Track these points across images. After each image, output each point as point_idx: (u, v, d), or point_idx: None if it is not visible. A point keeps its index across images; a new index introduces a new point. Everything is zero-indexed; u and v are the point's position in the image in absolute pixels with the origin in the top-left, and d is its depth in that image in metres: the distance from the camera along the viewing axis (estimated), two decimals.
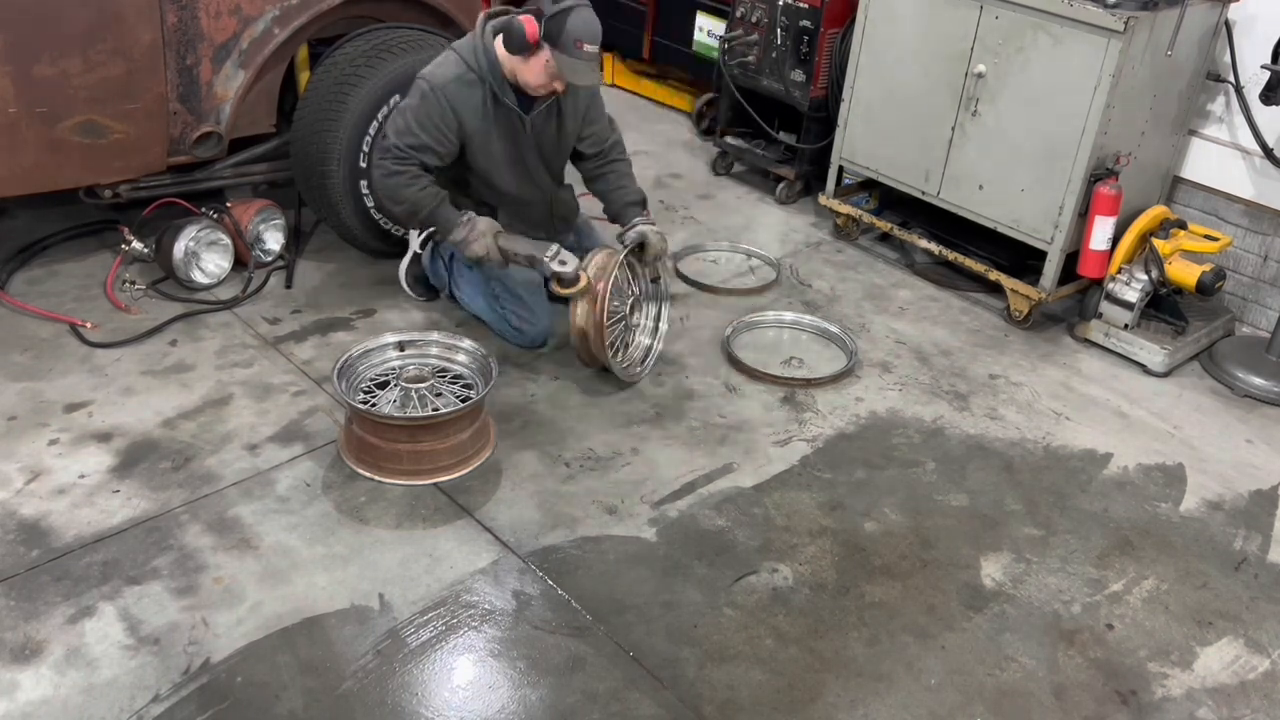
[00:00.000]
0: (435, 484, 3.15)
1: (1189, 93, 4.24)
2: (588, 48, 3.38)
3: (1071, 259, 4.17)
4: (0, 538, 2.83)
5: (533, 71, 3.45)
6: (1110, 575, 3.08)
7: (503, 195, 3.73)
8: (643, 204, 3.83)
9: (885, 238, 4.84)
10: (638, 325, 3.80)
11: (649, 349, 3.79)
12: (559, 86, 3.50)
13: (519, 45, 3.39)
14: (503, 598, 2.79)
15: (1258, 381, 3.99)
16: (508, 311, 3.76)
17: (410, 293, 4.05)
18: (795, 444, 3.48)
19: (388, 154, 3.51)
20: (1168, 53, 3.95)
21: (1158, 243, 4.07)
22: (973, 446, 3.56)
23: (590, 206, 4.10)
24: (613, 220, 3.86)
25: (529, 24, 3.37)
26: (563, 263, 3.50)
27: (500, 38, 3.48)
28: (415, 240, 3.98)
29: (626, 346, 3.76)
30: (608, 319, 3.53)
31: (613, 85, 6.40)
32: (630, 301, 3.70)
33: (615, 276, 3.51)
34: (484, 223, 3.58)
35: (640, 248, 3.69)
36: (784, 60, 4.96)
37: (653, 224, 3.76)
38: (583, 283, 3.49)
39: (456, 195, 3.66)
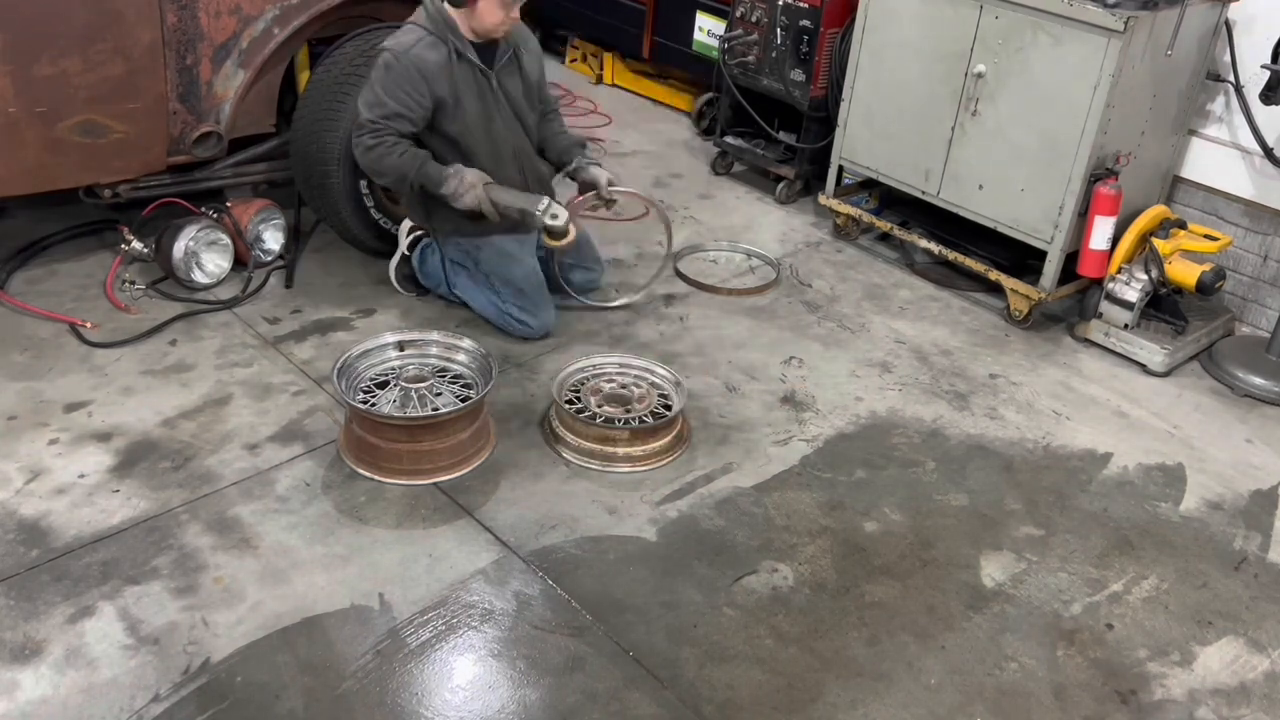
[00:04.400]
0: (435, 484, 3.15)
1: (1189, 92, 4.24)
2: None
3: (1071, 259, 4.17)
4: (0, 537, 2.83)
5: (488, 11, 3.52)
6: (1110, 575, 3.08)
7: (476, 161, 3.72)
8: (583, 145, 4.01)
9: (885, 237, 4.84)
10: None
11: None
12: (515, 15, 3.57)
13: None
14: (502, 597, 2.79)
15: (1258, 381, 3.99)
16: (510, 305, 3.78)
17: (401, 290, 4.06)
18: (795, 444, 3.48)
19: (363, 129, 3.57)
20: (1168, 52, 3.95)
21: (1158, 242, 4.07)
22: (973, 446, 3.56)
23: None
24: (556, 161, 3.98)
25: None
26: (554, 216, 3.62)
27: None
28: (403, 241, 3.99)
29: None
30: None
31: (613, 85, 6.40)
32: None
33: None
34: (472, 174, 3.63)
35: (593, 186, 3.86)
36: (784, 60, 4.96)
37: (597, 161, 3.96)
38: (571, 235, 3.67)
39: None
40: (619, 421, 3.33)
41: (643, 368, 3.57)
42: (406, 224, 4.01)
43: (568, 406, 3.36)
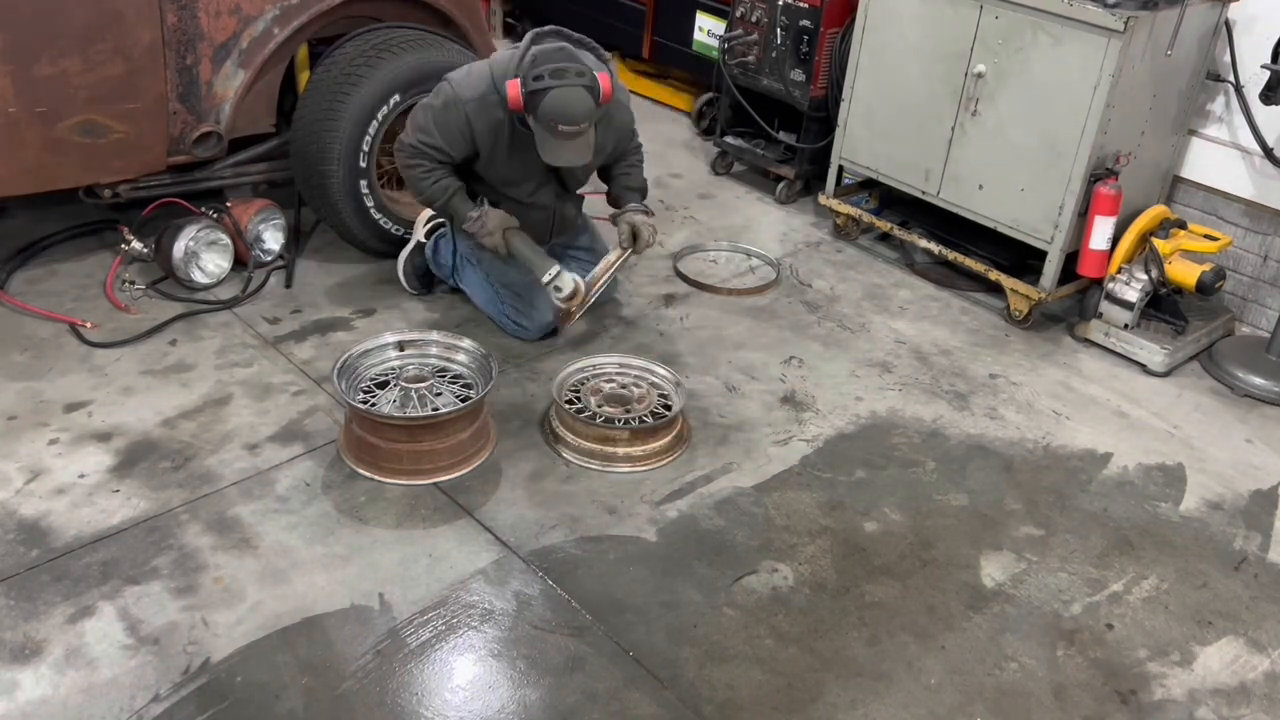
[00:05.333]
0: (435, 484, 3.15)
1: (1189, 92, 4.24)
2: (563, 127, 3.31)
3: (1071, 259, 4.17)
4: (0, 537, 2.83)
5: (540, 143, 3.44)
6: (1110, 575, 3.08)
7: (507, 200, 3.73)
8: (642, 192, 3.90)
9: (885, 237, 4.84)
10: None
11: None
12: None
13: (510, 106, 3.37)
14: (502, 597, 2.79)
15: (1258, 381, 3.99)
16: (507, 306, 3.78)
17: (405, 284, 4.05)
18: (795, 444, 3.48)
19: (403, 148, 3.57)
20: (1168, 52, 3.95)
21: (1158, 242, 4.07)
22: (973, 446, 3.56)
23: (596, 208, 4.11)
24: (611, 203, 3.92)
25: (511, 89, 3.32)
26: (557, 289, 3.64)
27: None
28: (420, 229, 3.99)
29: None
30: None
31: None
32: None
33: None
34: (495, 218, 3.61)
35: (633, 238, 3.79)
36: (784, 60, 4.96)
37: (647, 213, 3.83)
38: (576, 301, 3.67)
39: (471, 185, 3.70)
40: (619, 421, 3.33)
41: (642, 368, 3.58)
42: (426, 213, 4.02)
43: (568, 406, 3.36)
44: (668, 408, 3.42)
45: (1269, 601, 3.04)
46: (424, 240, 4.00)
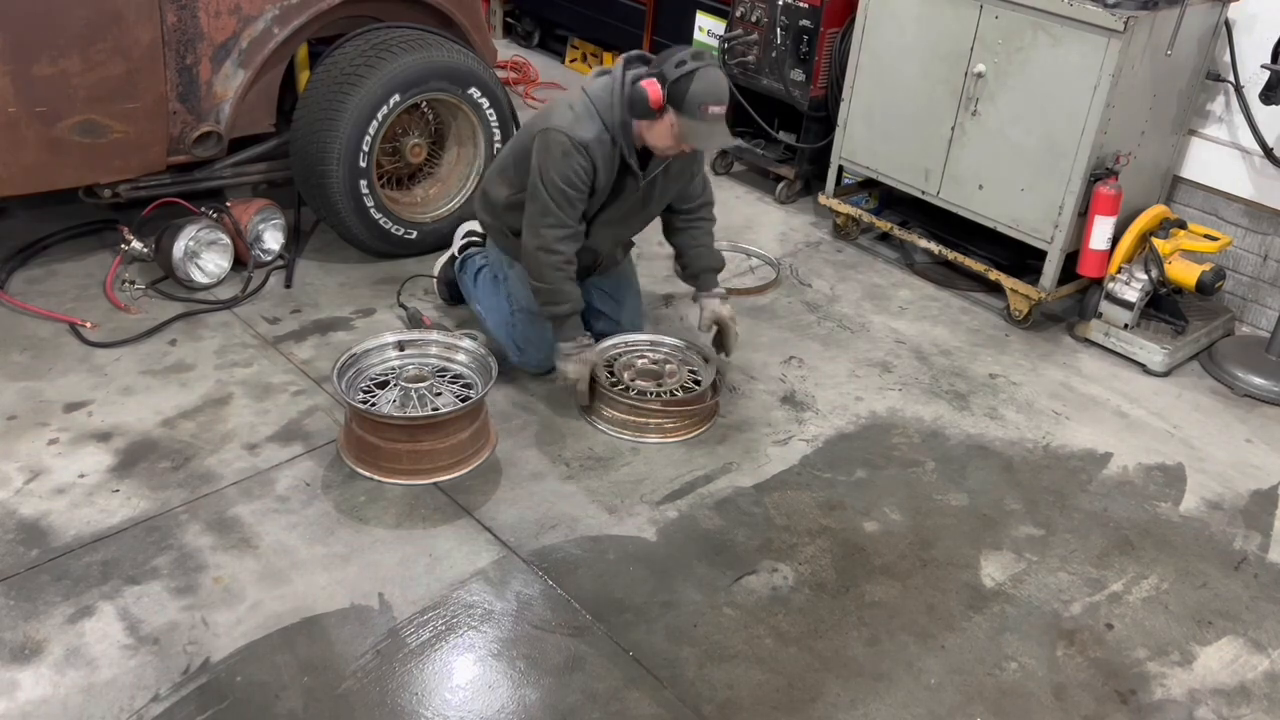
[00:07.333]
0: (435, 483, 3.15)
1: (1189, 92, 4.24)
2: (713, 109, 3.20)
3: (1071, 258, 4.17)
4: (0, 537, 2.83)
5: (660, 135, 3.26)
6: (1110, 575, 3.08)
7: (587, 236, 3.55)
8: (719, 270, 3.76)
9: (885, 237, 4.84)
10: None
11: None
12: (687, 148, 3.33)
13: (643, 111, 3.21)
14: (502, 597, 2.79)
15: (1258, 381, 3.99)
16: (515, 332, 3.66)
17: (436, 291, 4.03)
18: (795, 444, 3.48)
19: (538, 234, 3.34)
20: (1167, 52, 3.95)
21: (1158, 242, 4.07)
22: (973, 446, 3.56)
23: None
24: (685, 278, 3.80)
25: (652, 89, 3.17)
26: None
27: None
28: (457, 243, 3.92)
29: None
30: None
31: None
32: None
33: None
34: (576, 368, 3.45)
35: (718, 339, 3.70)
36: (784, 60, 4.96)
37: (724, 295, 3.72)
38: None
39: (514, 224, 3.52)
40: (650, 394, 3.47)
41: (673, 345, 3.72)
42: (464, 227, 3.99)
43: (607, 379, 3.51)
44: (697, 383, 3.56)
45: (1269, 601, 3.04)
46: (457, 255, 3.91)
